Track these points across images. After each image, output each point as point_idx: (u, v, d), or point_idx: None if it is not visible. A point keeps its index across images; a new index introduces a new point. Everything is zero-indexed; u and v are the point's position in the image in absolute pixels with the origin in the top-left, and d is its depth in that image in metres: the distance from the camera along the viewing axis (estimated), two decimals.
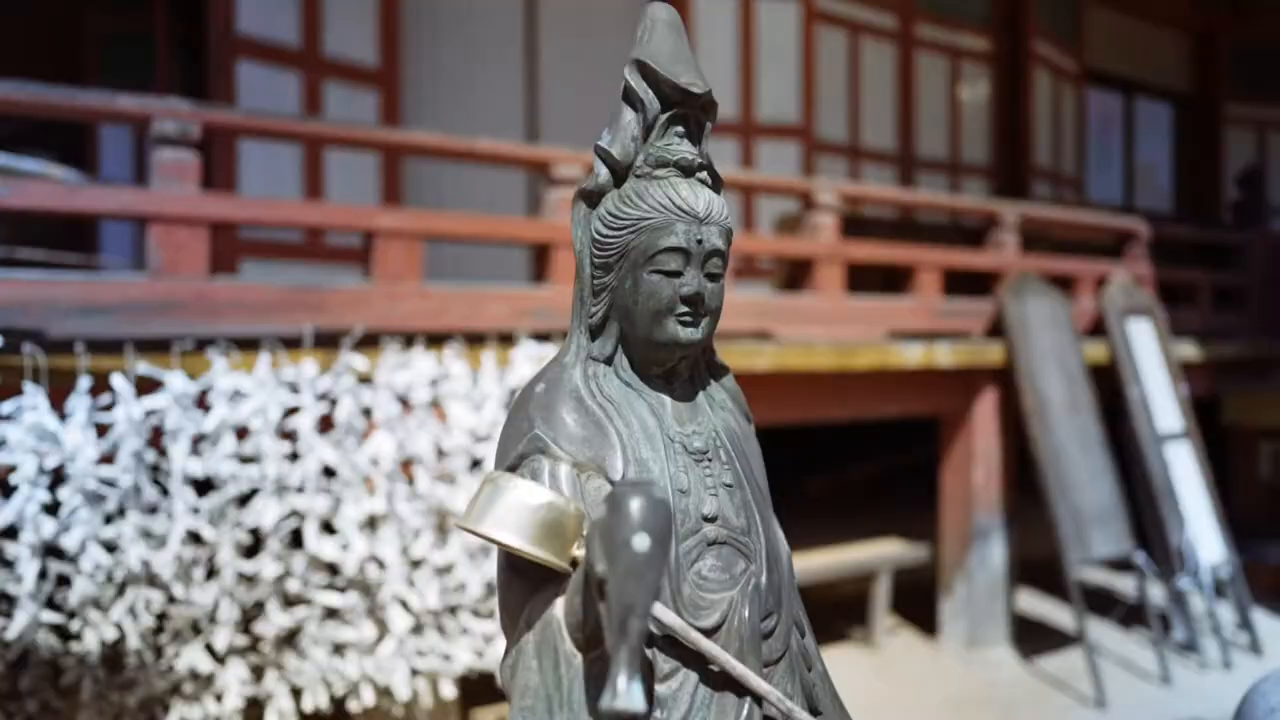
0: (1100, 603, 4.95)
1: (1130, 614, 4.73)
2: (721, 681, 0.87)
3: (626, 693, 0.63)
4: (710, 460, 0.96)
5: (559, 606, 0.83)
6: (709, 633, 0.87)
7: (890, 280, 4.59)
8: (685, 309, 0.94)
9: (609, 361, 0.98)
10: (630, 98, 0.95)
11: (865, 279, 4.50)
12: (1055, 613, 4.92)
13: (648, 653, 0.84)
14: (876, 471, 6.67)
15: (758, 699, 0.87)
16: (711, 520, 0.92)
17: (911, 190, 6.67)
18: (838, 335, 3.93)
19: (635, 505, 0.67)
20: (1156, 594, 4.61)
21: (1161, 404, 4.78)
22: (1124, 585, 5.24)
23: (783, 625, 0.94)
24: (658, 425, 0.95)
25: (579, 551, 0.82)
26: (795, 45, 6.22)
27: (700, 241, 0.94)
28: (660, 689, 0.85)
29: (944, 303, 4.40)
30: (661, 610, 0.82)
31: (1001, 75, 7.84)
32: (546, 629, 0.83)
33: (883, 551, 4.50)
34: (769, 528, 0.99)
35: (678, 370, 1.00)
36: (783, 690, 0.90)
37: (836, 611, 4.86)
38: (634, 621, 0.65)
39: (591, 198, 0.96)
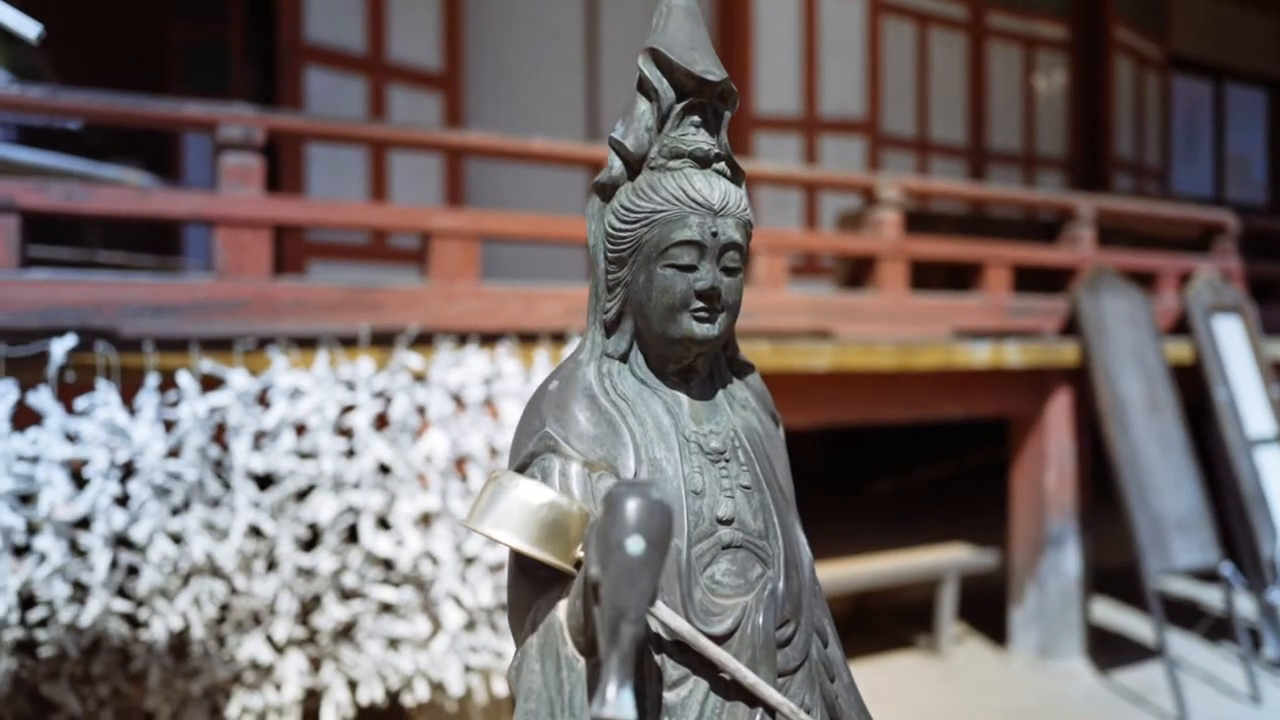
0: (1183, 615, 4.72)
1: (1216, 627, 4.49)
2: (733, 690, 0.84)
3: (615, 701, 0.61)
4: (728, 461, 0.92)
5: (562, 609, 0.82)
6: (721, 639, 0.84)
7: (958, 277, 4.46)
8: (700, 304, 0.91)
9: (624, 359, 0.95)
10: (644, 87, 0.92)
11: (931, 276, 4.38)
12: (1134, 624, 4.71)
13: (656, 659, 0.82)
14: (942, 474, 6.49)
15: (770, 709, 0.84)
16: (727, 523, 0.89)
17: (980, 184, 6.48)
18: (901, 334, 3.83)
19: (631, 506, 0.65)
20: (1245, 607, 4.37)
21: (1252, 406, 4.53)
22: (1210, 597, 4.98)
23: (801, 634, 0.91)
24: (673, 424, 0.92)
25: (583, 553, 0.80)
26: (860, 38, 6.10)
27: (715, 234, 0.91)
28: (669, 696, 0.82)
29: (1014, 300, 4.25)
30: (670, 615, 0.80)
31: (1079, 64, 7.55)
32: (549, 632, 0.81)
33: (949, 556, 4.37)
34: (789, 532, 0.95)
35: (695, 368, 0.97)
36: (799, 701, 0.87)
37: (901, 617, 4.74)
38: (625, 627, 0.63)
39: (605, 191, 0.93)
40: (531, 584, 0.85)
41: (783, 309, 3.57)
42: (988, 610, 4.69)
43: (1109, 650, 4.35)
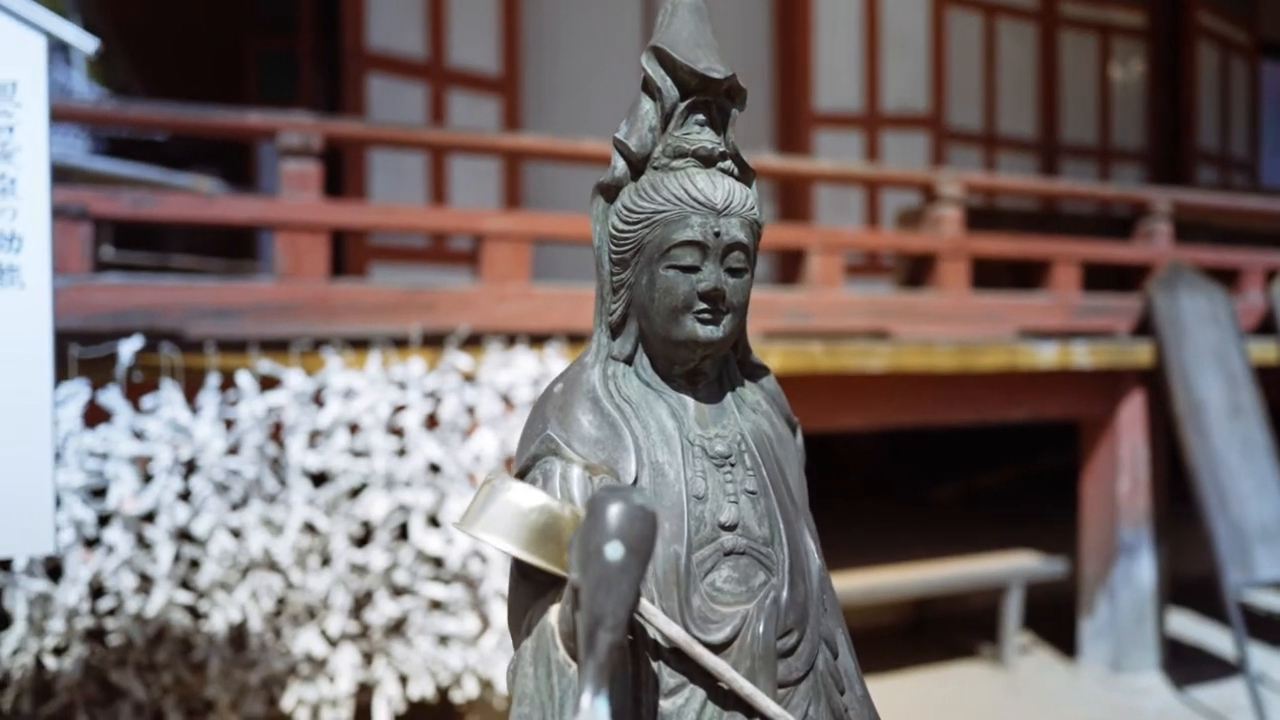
0: (1268, 629, 4.48)
1: None
2: (731, 700, 0.82)
3: (590, 709, 0.60)
4: (733, 465, 0.90)
5: (554, 614, 0.81)
6: (719, 648, 0.82)
7: (1026, 276, 4.31)
8: (704, 306, 0.89)
9: (629, 361, 0.94)
10: (648, 86, 0.91)
11: (997, 275, 4.25)
12: (1214, 637, 4.49)
13: (653, 666, 0.81)
14: (1008, 478, 6.29)
15: None
16: (730, 529, 0.87)
17: (1047, 179, 6.26)
18: (962, 334, 3.73)
19: (611, 511, 0.63)
20: None
21: None
22: None
23: (806, 644, 0.88)
24: (677, 428, 0.90)
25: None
26: (924, 31, 5.96)
27: (718, 234, 0.89)
28: (664, 704, 0.81)
29: (1083, 299, 4.09)
30: (665, 622, 0.78)
31: (1159, 52, 7.23)
32: (541, 636, 0.80)
33: (1014, 564, 4.23)
34: (797, 539, 0.92)
35: (702, 370, 0.95)
36: (801, 713, 0.84)
37: (964, 625, 4.62)
38: (603, 634, 0.62)
39: (609, 191, 0.93)
40: (530, 588, 0.85)
41: (839, 309, 3.51)
42: (1056, 620, 4.53)
43: (1186, 665, 4.16)
